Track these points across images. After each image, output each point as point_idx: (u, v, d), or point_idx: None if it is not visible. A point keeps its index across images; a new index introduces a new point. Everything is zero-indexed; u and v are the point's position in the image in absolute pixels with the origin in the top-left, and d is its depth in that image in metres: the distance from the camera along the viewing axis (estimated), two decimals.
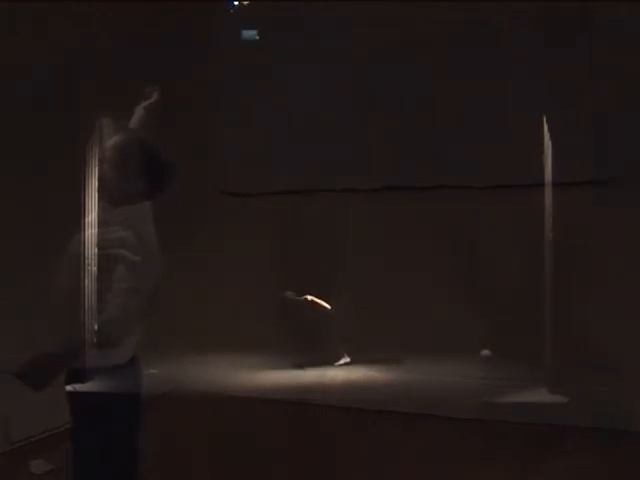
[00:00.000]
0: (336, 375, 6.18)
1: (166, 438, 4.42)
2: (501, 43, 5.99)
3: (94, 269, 2.81)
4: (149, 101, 3.37)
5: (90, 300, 2.82)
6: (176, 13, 6.06)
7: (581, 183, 5.73)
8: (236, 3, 6.11)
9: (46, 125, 4.80)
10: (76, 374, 2.76)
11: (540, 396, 5.34)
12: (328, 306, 6.17)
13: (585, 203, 5.71)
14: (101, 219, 2.85)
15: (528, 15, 5.96)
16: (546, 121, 5.78)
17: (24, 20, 4.81)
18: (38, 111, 4.77)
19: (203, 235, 6.48)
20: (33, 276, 3.59)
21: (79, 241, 2.81)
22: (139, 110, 3.35)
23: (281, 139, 6.60)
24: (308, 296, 6.14)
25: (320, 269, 6.53)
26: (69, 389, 2.78)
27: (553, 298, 5.60)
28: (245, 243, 6.59)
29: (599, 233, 5.68)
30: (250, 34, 6.09)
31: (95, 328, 2.70)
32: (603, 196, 5.71)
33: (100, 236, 2.80)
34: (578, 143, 5.75)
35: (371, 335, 6.14)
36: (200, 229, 6.47)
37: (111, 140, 2.95)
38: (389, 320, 6.26)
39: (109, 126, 3.11)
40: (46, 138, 4.84)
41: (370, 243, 6.57)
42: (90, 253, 2.85)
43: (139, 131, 3.18)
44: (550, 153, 5.73)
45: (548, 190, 5.68)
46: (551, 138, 5.76)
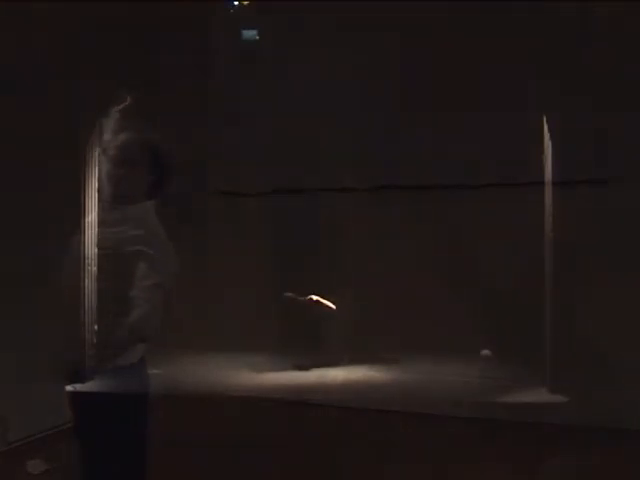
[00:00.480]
0: (343, 375, 6.14)
1: (167, 437, 4.41)
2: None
3: (94, 269, 2.81)
4: (123, 104, 3.34)
5: (90, 300, 2.82)
6: (176, 13, 6.05)
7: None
8: (236, 3, 6.11)
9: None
10: (77, 374, 2.76)
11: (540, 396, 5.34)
12: (333, 306, 6.15)
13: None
14: (113, 218, 2.86)
15: (526, 15, 5.94)
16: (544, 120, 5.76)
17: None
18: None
19: (203, 235, 6.47)
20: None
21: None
22: (114, 114, 3.32)
23: (281, 139, 6.59)
24: (313, 296, 6.11)
25: (321, 269, 6.52)
26: (70, 389, 2.78)
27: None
28: (245, 243, 6.57)
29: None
30: (250, 34, 6.09)
31: (127, 326, 2.73)
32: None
33: (114, 235, 2.81)
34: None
35: (372, 335, 6.13)
36: (199, 229, 6.46)
37: (117, 139, 2.96)
38: (389, 320, 6.26)
39: (110, 125, 3.10)
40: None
41: (370, 243, 6.55)
42: (90, 253, 2.85)
43: (144, 129, 3.19)
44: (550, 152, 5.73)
45: (548, 189, 5.68)
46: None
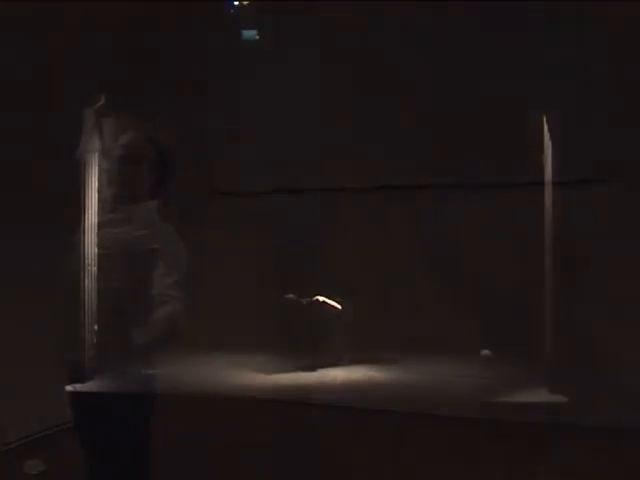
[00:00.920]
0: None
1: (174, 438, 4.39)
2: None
3: (94, 269, 2.81)
4: (97, 105, 3.33)
5: (90, 300, 2.82)
6: (176, 13, 6.06)
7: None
8: (236, 3, 6.11)
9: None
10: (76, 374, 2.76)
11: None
12: (339, 306, 6.14)
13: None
14: (118, 218, 2.87)
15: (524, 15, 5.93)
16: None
17: None
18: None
19: (202, 235, 6.46)
20: None
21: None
22: (89, 115, 3.30)
23: (281, 138, 6.59)
24: (319, 297, 6.11)
25: (321, 269, 6.52)
26: (69, 389, 2.78)
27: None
28: (245, 243, 6.57)
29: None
30: (250, 34, 6.09)
31: (152, 323, 2.76)
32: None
33: (123, 235, 2.83)
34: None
35: (372, 335, 6.14)
36: (199, 229, 6.45)
37: (120, 139, 2.97)
38: (390, 320, 6.26)
39: (111, 126, 3.11)
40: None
41: (370, 243, 6.56)
42: (90, 253, 2.85)
43: (146, 129, 3.19)
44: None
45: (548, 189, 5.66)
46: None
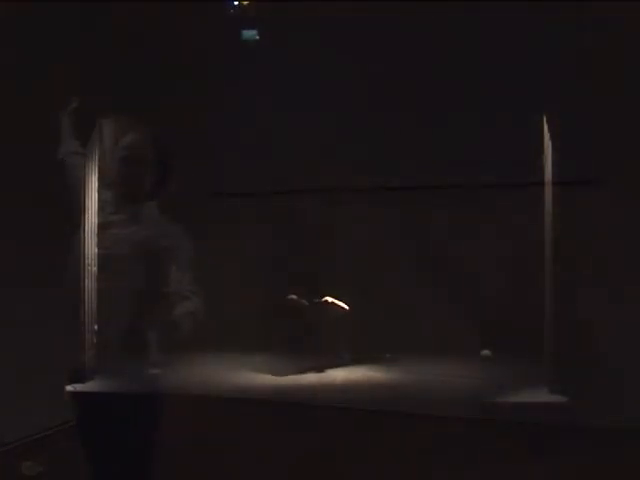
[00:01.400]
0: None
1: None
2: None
3: (94, 269, 2.81)
4: (72, 107, 3.32)
5: (90, 300, 2.82)
6: (176, 13, 6.05)
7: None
8: (236, 3, 6.11)
9: None
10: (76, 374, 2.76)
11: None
12: (346, 307, 6.13)
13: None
14: (123, 218, 2.89)
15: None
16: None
17: None
18: None
19: (203, 236, 6.44)
20: None
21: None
22: (65, 119, 3.30)
23: (282, 138, 6.59)
24: (328, 298, 6.09)
25: (322, 270, 6.52)
26: (69, 389, 2.78)
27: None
28: (245, 244, 6.57)
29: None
30: (250, 34, 6.09)
31: (176, 320, 2.79)
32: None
33: (134, 235, 2.85)
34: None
35: (373, 335, 6.14)
36: (200, 229, 6.42)
37: (123, 139, 2.98)
38: (389, 320, 6.27)
39: (112, 126, 3.11)
40: None
41: (371, 243, 6.56)
42: (90, 253, 2.85)
43: (148, 128, 3.20)
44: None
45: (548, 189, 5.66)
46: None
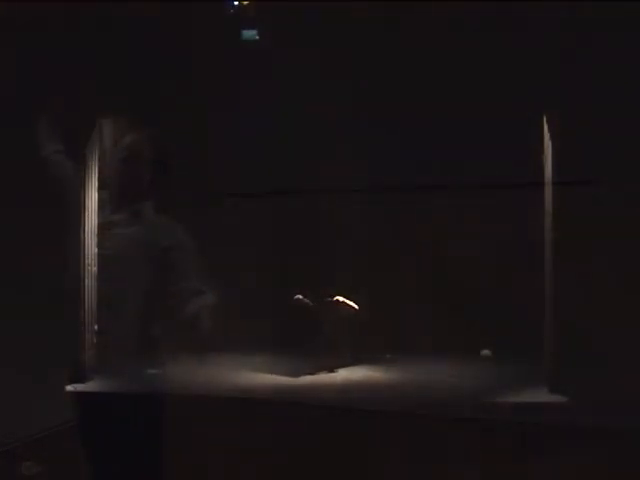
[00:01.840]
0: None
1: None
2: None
3: (94, 269, 2.81)
4: (51, 113, 3.31)
5: (90, 300, 2.82)
6: (175, 13, 6.04)
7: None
8: (236, 3, 6.11)
9: None
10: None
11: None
12: (356, 306, 6.11)
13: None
14: (127, 218, 2.92)
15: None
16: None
17: None
18: None
19: (204, 236, 6.44)
20: None
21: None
22: (42, 125, 3.28)
23: (282, 139, 6.59)
24: (339, 297, 6.06)
25: (322, 271, 6.52)
26: (70, 389, 2.79)
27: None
28: (245, 244, 6.57)
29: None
30: (250, 34, 6.08)
31: (195, 315, 2.82)
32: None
33: (137, 234, 2.88)
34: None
35: (376, 335, 6.14)
36: (200, 229, 6.43)
37: (123, 139, 3.00)
38: (391, 321, 6.27)
39: (113, 126, 3.12)
40: None
41: (371, 243, 6.56)
42: (90, 253, 2.85)
43: (148, 129, 3.20)
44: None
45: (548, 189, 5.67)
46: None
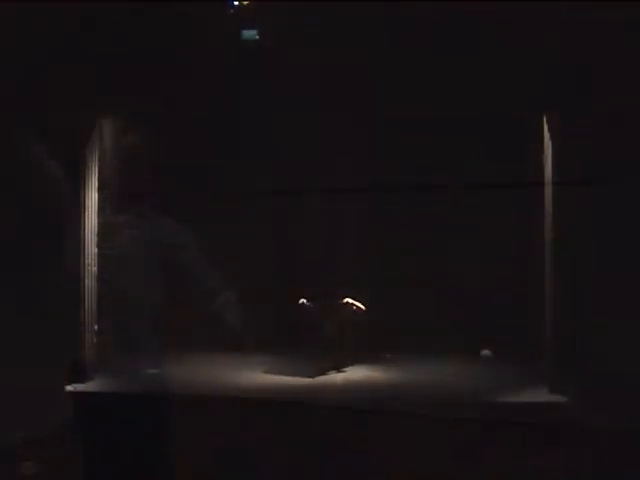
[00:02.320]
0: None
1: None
2: None
3: (94, 269, 2.82)
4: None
5: (90, 300, 2.83)
6: (175, 13, 6.05)
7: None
8: (236, 3, 6.11)
9: None
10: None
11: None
12: (363, 307, 6.14)
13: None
14: (131, 219, 2.95)
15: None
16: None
17: None
18: None
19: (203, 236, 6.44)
20: None
21: None
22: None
23: (282, 138, 6.61)
24: (348, 299, 6.10)
25: (322, 271, 6.54)
26: (70, 389, 2.80)
27: None
28: (246, 244, 6.58)
29: None
30: (250, 34, 6.09)
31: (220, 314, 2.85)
32: None
33: (144, 234, 2.91)
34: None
35: (375, 335, 6.16)
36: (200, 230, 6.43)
37: (126, 138, 3.02)
38: (391, 321, 6.30)
39: (113, 127, 3.14)
40: None
41: (372, 243, 6.60)
42: (90, 253, 2.86)
43: (147, 129, 3.22)
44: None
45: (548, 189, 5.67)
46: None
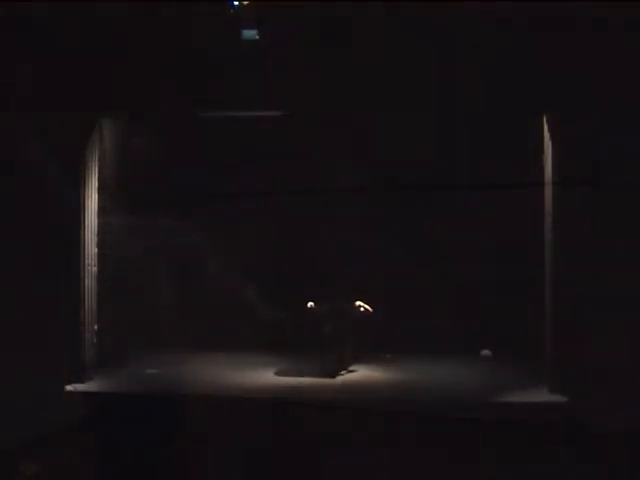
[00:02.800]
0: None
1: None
2: None
3: (94, 269, 2.81)
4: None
5: (90, 300, 2.82)
6: (176, 13, 6.03)
7: None
8: (236, 3, 6.09)
9: None
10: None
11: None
12: (371, 309, 6.14)
13: None
14: (139, 222, 2.95)
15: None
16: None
17: None
18: None
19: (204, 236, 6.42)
20: None
21: None
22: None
23: (282, 139, 6.57)
24: (359, 302, 6.10)
25: (322, 271, 6.51)
26: (70, 389, 2.79)
27: None
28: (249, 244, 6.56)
29: None
30: (250, 34, 6.06)
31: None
32: None
33: (154, 237, 2.91)
34: None
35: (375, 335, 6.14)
36: (200, 230, 6.41)
37: (126, 139, 3.02)
38: (392, 321, 6.27)
39: (114, 128, 3.13)
40: None
41: (372, 243, 6.56)
42: (90, 253, 2.85)
43: (147, 130, 3.22)
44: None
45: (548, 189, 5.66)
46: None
